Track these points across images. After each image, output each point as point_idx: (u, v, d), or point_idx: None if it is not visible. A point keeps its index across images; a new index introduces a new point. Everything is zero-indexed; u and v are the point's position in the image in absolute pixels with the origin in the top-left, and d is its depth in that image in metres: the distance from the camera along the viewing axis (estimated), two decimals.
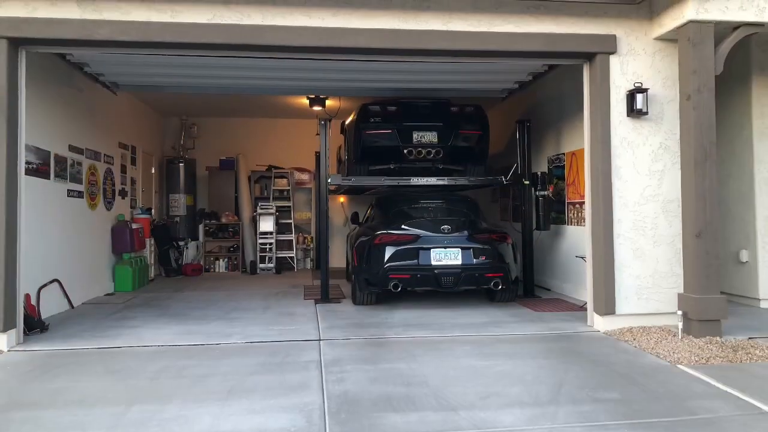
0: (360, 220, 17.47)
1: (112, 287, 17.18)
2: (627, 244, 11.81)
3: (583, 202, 13.22)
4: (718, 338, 10.56)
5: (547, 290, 16.50)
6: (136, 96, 19.57)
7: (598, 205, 11.82)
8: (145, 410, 7.53)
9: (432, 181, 16.38)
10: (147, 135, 21.41)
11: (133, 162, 19.53)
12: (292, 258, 23.87)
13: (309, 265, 24.47)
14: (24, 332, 11.18)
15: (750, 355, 9.68)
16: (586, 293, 12.48)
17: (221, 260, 23.31)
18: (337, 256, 22.51)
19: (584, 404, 7.63)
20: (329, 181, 15.75)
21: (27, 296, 11.67)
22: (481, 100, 17.62)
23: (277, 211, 23.46)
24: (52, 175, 13.48)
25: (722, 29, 11.09)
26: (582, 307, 13.26)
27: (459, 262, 13.73)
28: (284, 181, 24.41)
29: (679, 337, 10.67)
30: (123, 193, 18.37)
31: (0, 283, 10.41)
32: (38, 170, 12.81)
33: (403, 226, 14.31)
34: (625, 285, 11.77)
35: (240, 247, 23.39)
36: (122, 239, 17.38)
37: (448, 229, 13.97)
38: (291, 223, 24.07)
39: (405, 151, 16.27)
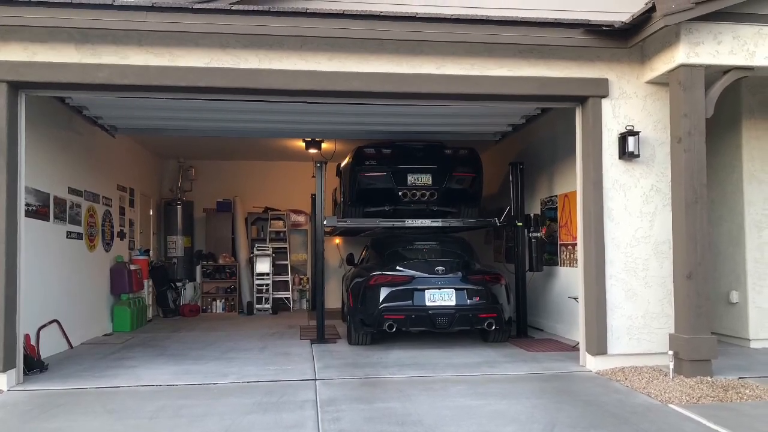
0: (355, 262, 17.58)
1: (111, 327, 17.27)
2: (619, 285, 11.90)
3: (576, 244, 13.31)
4: (708, 378, 10.63)
5: (540, 331, 16.56)
6: (135, 139, 19.68)
7: (590, 247, 11.93)
8: None
9: (426, 222, 16.51)
10: (145, 177, 21.54)
11: (132, 204, 19.66)
12: (288, 299, 23.94)
13: (305, 305, 24.49)
14: (24, 372, 11.24)
15: (740, 395, 9.74)
16: (578, 333, 12.56)
17: (218, 301, 23.34)
18: (333, 297, 22.57)
19: None
20: (325, 222, 15.86)
21: (27, 336, 11.75)
22: (475, 143, 17.75)
23: (273, 252, 23.55)
24: (51, 217, 13.60)
25: (713, 73, 11.25)
26: (574, 348, 13.34)
27: (453, 302, 13.85)
28: (280, 222, 24.53)
29: (671, 377, 10.75)
30: (121, 235, 18.49)
31: (0, 323, 10.51)
32: (38, 212, 12.93)
33: (397, 268, 14.45)
34: (617, 325, 11.85)
35: (237, 288, 23.43)
36: (120, 280, 17.47)
37: (443, 270, 14.11)
38: (287, 264, 24.14)
39: (399, 193, 16.38)
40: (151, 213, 22.47)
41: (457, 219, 17.09)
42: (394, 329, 13.78)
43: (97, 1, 10.58)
